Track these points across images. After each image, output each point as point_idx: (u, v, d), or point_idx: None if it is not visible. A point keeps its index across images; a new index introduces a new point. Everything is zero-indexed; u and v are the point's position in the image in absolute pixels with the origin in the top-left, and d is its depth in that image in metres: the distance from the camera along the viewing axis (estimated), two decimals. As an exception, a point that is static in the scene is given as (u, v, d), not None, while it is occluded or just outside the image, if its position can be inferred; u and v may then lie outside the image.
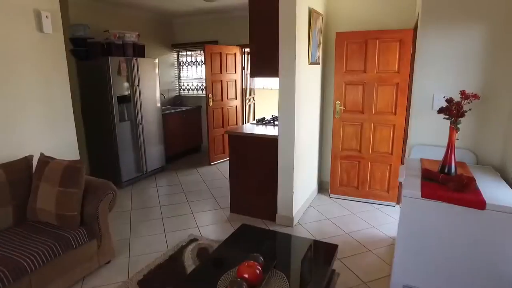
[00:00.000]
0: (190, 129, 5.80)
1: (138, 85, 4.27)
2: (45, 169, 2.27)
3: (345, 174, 3.80)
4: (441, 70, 2.32)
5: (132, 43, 4.21)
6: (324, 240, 2.87)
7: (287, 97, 2.89)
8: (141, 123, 4.39)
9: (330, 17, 3.69)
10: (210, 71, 4.99)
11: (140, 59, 4.26)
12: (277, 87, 2.94)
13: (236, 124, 5.61)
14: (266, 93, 7.18)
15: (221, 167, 5.12)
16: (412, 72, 3.28)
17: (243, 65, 5.58)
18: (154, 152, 4.69)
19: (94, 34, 4.13)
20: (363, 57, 3.44)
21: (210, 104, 5.06)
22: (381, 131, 3.53)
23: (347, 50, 3.49)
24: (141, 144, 4.42)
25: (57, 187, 2.20)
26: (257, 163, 3.20)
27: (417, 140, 2.47)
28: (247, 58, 5.66)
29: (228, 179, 3.48)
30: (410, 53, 3.23)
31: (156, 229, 3.14)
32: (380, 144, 3.56)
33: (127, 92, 4.14)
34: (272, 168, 3.12)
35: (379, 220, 3.30)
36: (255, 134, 3.14)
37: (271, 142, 3.07)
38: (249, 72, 4.95)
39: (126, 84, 4.11)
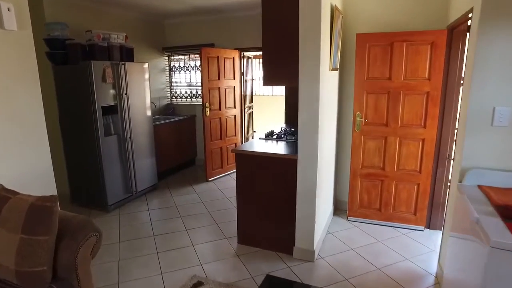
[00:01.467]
0: (184, 141, 5.26)
1: (126, 94, 3.72)
2: (2, 209, 1.71)
3: (365, 195, 3.35)
4: (505, 78, 1.90)
5: (119, 45, 3.67)
6: (355, 279, 2.40)
7: (309, 110, 2.42)
8: (130, 137, 3.83)
9: (348, 16, 3.27)
10: (207, 77, 4.49)
11: (128, 64, 3.72)
12: (277, 93, 2.47)
13: (235, 135, 5.11)
14: (264, 100, 6.73)
15: (219, 184, 4.59)
16: (445, 80, 2.88)
17: (242, 70, 5.10)
18: (144, 169, 4.13)
19: (74, 34, 3.57)
20: (387, 62, 3.02)
21: (207, 113, 4.55)
22: (408, 146, 3.10)
23: (369, 54, 3.06)
24: (130, 161, 3.86)
25: (19, 234, 1.64)
26: (271, 187, 2.71)
27: (472, 162, 2.03)
28: (246, 62, 5.19)
29: (229, 199, 2.99)
30: (444, 58, 2.82)
31: (151, 268, 2.59)
32: (407, 160, 3.13)
33: (113, 102, 3.59)
34: (290, 193, 2.63)
35: (411, 249, 2.86)
36: (269, 153, 2.64)
37: (288, 163, 2.59)
38: (261, 80, 4.47)
39: (112, 93, 3.56)
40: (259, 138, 3.18)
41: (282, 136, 3.19)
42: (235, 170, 5.17)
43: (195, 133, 5.56)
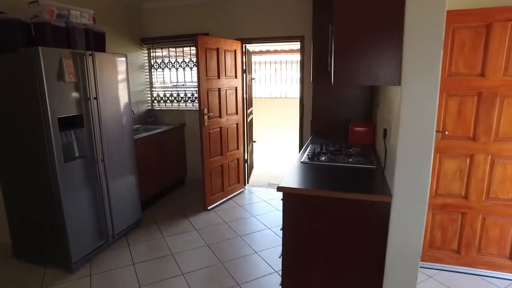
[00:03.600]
0: (171, 158, 4.14)
1: (97, 98, 2.58)
2: None
3: (439, 232, 2.47)
4: None
5: (84, 27, 2.53)
6: None
7: (417, 124, 1.47)
8: (103, 160, 2.68)
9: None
10: (205, 75, 3.42)
11: (98, 55, 2.58)
12: (275, 95, 1.52)
13: (237, 148, 4.07)
14: (263, 103, 5.76)
15: (224, 214, 3.54)
16: None
17: (245, 67, 4.08)
18: (124, 201, 2.98)
19: (10, 6, 2.37)
20: (480, 52, 2.15)
21: (205, 123, 3.48)
22: (505, 167, 2.25)
23: (453, 40, 2.18)
24: (103, 193, 2.71)
25: None
26: (339, 241, 1.73)
27: None
28: (247, 58, 4.17)
29: (244, 239, 1.98)
30: None
31: None
32: (502, 187, 2.29)
33: (76, 111, 2.44)
34: (372, 252, 1.67)
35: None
36: (340, 193, 1.65)
37: (373, 208, 1.62)
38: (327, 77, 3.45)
39: (74, 97, 2.41)
40: (302, 162, 2.18)
41: (337, 157, 2.22)
42: (238, 193, 4.17)
43: (184, 146, 4.45)
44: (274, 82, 7.41)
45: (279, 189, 1.73)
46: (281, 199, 1.79)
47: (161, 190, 3.94)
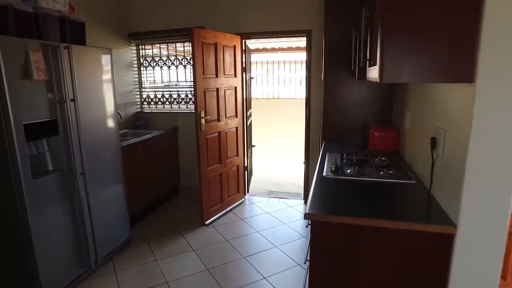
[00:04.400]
0: (164, 166, 3.73)
1: (74, 100, 2.16)
2: None
3: None
4: None
5: (58, 15, 2.11)
6: None
7: (499, 133, 1.11)
8: (83, 172, 2.26)
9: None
10: (201, 73, 3.03)
11: (76, 49, 2.16)
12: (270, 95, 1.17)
13: (237, 155, 3.68)
14: (257, 103, 5.38)
15: (224, 230, 3.14)
16: None
17: (244, 65, 3.70)
18: (109, 220, 2.56)
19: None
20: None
21: (202, 127, 3.09)
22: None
23: None
24: (84, 213, 2.29)
25: None
26: (382, 279, 1.36)
27: None
28: (247, 55, 3.80)
29: (248, 261, 1.60)
30: None
31: None
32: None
33: (48, 115, 2.01)
34: (426, 295, 1.31)
35: None
36: (399, 224, 1.29)
37: (426, 240, 1.26)
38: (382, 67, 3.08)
39: (46, 98, 1.99)
40: (326, 177, 1.81)
41: (361, 165, 1.85)
42: (238, 203, 3.78)
43: (177, 152, 4.04)
44: (267, 83, 7.06)
45: (307, 216, 1.35)
46: (307, 226, 1.42)
47: (153, 201, 3.52)
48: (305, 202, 3.78)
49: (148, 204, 3.42)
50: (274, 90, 7.02)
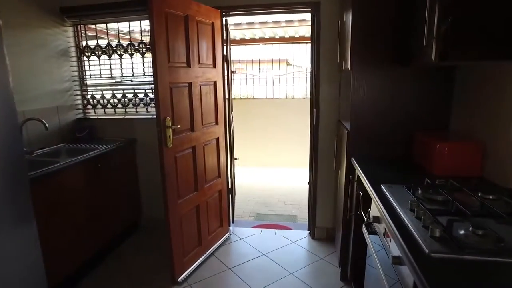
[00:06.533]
0: (116, 193, 2.64)
1: None
2: None
3: None
4: None
5: None
6: None
7: None
8: None
9: None
10: (166, 60, 2.00)
11: None
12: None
13: (219, 176, 2.67)
14: (242, 104, 4.40)
15: (205, 292, 2.13)
16: None
17: (227, 52, 2.71)
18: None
19: None
20: None
21: (169, 142, 2.05)
22: None
23: None
24: None
25: None
26: None
27: None
28: (227, 39, 2.81)
29: None
30: None
31: None
32: None
33: None
34: None
35: None
36: None
37: None
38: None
39: None
40: (432, 254, 0.86)
41: (469, 216, 0.93)
42: (222, 242, 2.71)
43: (136, 173, 2.96)
44: (252, 82, 6.05)
45: None
46: None
47: (101, 247, 2.43)
48: (311, 234, 2.85)
49: (93, 253, 2.33)
50: (253, 90, 6.02)
